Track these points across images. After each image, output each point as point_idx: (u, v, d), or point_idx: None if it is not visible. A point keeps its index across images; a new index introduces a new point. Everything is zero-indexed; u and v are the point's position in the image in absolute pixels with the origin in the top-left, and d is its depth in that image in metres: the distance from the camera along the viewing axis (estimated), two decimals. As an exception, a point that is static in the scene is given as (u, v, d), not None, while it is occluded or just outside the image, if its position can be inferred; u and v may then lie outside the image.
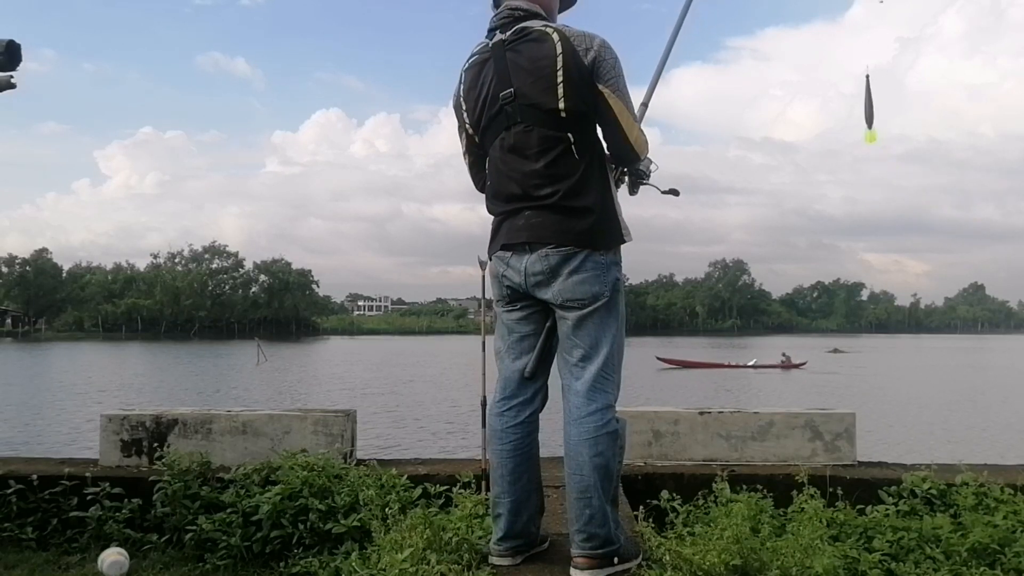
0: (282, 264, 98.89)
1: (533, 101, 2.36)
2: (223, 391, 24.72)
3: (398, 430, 15.43)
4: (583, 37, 2.35)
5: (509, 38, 2.41)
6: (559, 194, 2.34)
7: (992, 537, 3.06)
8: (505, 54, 2.40)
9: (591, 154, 2.39)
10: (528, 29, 2.39)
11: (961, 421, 18.17)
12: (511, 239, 2.42)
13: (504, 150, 2.43)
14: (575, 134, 2.36)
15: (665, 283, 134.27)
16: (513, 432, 2.45)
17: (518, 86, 2.37)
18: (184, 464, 3.80)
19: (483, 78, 2.45)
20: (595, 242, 2.35)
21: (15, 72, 2.89)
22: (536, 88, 2.35)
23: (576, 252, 2.34)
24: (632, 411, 4.17)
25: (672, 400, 21.19)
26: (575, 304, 2.36)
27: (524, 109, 2.37)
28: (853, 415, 4.16)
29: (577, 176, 2.35)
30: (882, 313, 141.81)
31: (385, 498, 3.36)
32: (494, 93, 2.42)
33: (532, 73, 2.35)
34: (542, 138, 2.36)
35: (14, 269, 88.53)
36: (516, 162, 2.40)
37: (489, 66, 2.44)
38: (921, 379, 31.49)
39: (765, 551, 2.76)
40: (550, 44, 2.34)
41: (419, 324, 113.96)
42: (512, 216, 2.43)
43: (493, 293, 2.57)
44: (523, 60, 2.37)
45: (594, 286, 2.35)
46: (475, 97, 2.48)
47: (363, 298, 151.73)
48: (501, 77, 2.40)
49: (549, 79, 2.33)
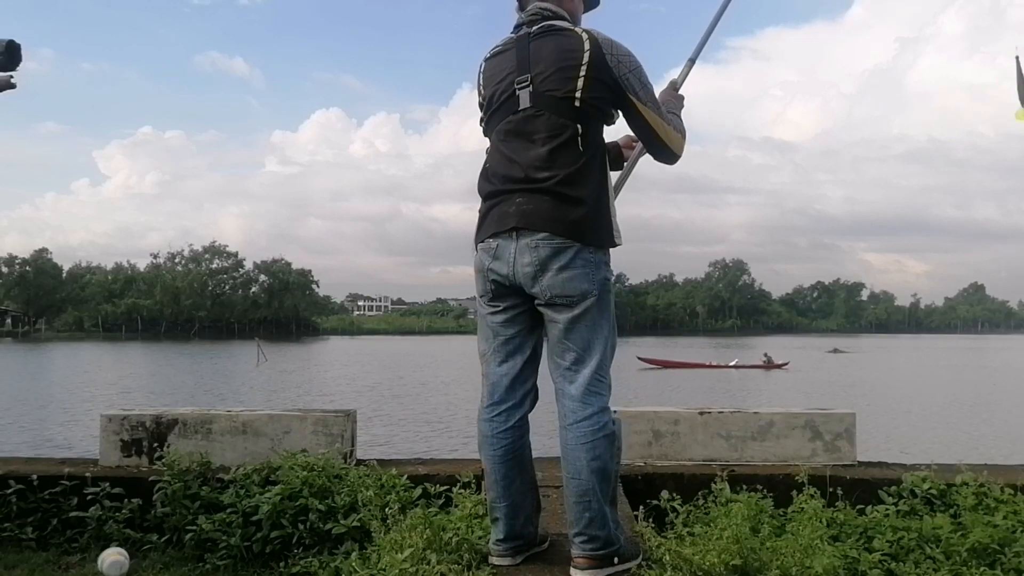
0: (282, 264, 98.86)
1: (549, 88, 2.35)
2: (223, 391, 24.72)
3: (398, 430, 15.43)
4: (612, 44, 2.37)
5: (536, 31, 2.44)
6: (556, 179, 2.32)
7: (992, 537, 3.06)
8: (529, 44, 2.42)
9: (594, 150, 2.39)
10: (556, 25, 2.43)
11: (961, 421, 18.16)
12: (500, 226, 2.36)
13: (508, 133, 2.42)
14: (583, 125, 2.36)
15: (665, 283, 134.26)
16: (503, 437, 2.41)
17: (536, 72, 2.38)
18: (184, 464, 3.80)
19: (502, 64, 2.47)
20: (586, 237, 2.32)
21: (15, 72, 2.89)
22: (556, 76, 2.35)
23: (567, 246, 2.30)
24: (632, 411, 4.17)
25: (652, 402, 21.16)
26: (563, 301, 2.32)
27: (538, 95, 2.37)
28: (853, 415, 4.16)
29: (578, 166, 2.34)
30: (882, 313, 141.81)
31: (385, 498, 3.36)
32: (510, 79, 2.43)
33: (555, 62, 2.36)
34: (551, 124, 2.35)
35: (14, 269, 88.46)
36: (520, 145, 2.39)
37: (511, 55, 2.46)
38: (921, 379, 31.50)
39: (765, 551, 2.76)
40: (579, 40, 2.36)
41: (419, 324, 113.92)
42: (503, 202, 2.39)
43: (477, 289, 2.49)
44: (547, 49, 2.39)
45: (583, 283, 2.31)
46: (492, 82, 2.49)
47: (363, 298, 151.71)
48: (521, 64, 2.42)
49: (572, 70, 2.33)
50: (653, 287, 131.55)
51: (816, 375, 33.24)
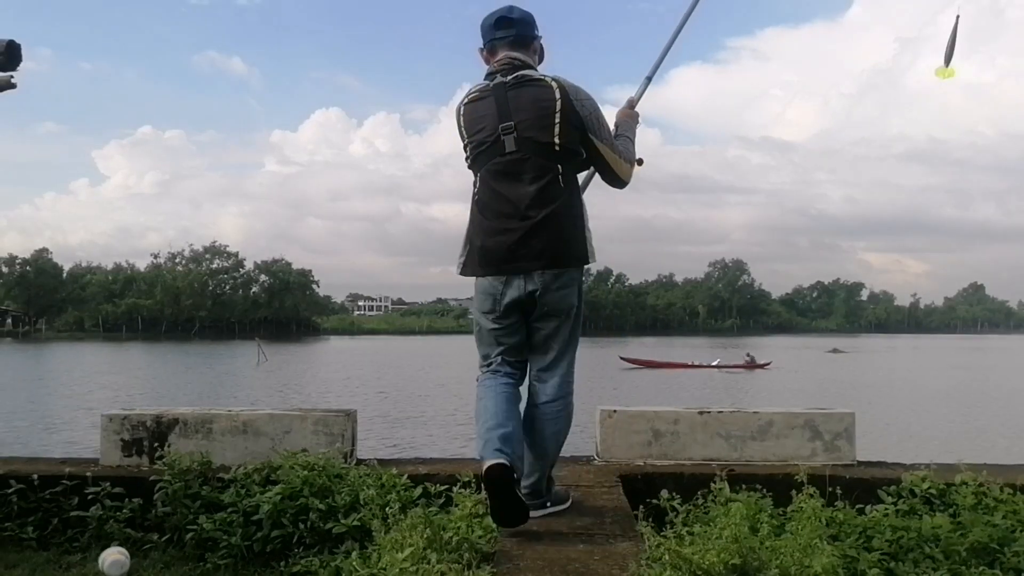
0: (282, 264, 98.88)
1: (531, 135, 2.77)
2: (223, 391, 24.72)
3: (398, 430, 15.44)
4: (577, 90, 2.81)
5: (511, 81, 2.83)
6: (546, 214, 2.75)
7: (991, 537, 3.06)
8: (507, 93, 2.81)
9: (572, 186, 2.87)
10: (528, 75, 2.83)
11: (961, 421, 18.17)
12: (509, 262, 2.81)
13: (498, 174, 2.83)
14: (563, 166, 2.81)
15: (665, 283, 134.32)
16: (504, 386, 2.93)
17: (519, 120, 2.78)
18: (185, 464, 3.80)
19: (482, 110, 2.85)
20: (572, 261, 2.84)
21: (15, 72, 2.89)
22: (536, 123, 2.77)
23: (561, 272, 2.81)
24: (632, 411, 4.17)
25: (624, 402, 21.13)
26: (554, 313, 2.85)
27: (522, 140, 2.78)
28: (853, 415, 4.16)
29: (561, 201, 2.79)
30: (882, 313, 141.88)
31: (385, 498, 3.37)
32: (492, 124, 2.81)
33: (533, 111, 2.77)
34: (536, 166, 2.78)
35: (14, 269, 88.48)
36: (509, 185, 2.80)
37: (489, 102, 2.84)
38: (921, 379, 31.47)
39: (764, 550, 2.76)
40: (550, 89, 2.78)
41: (419, 324, 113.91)
42: (501, 234, 2.81)
43: (483, 307, 2.93)
44: (525, 99, 2.79)
45: (571, 298, 2.87)
46: (475, 127, 2.87)
47: (363, 298, 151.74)
48: (501, 111, 2.80)
49: (548, 118, 2.76)
50: (653, 287, 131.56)
51: (801, 375, 33.26)
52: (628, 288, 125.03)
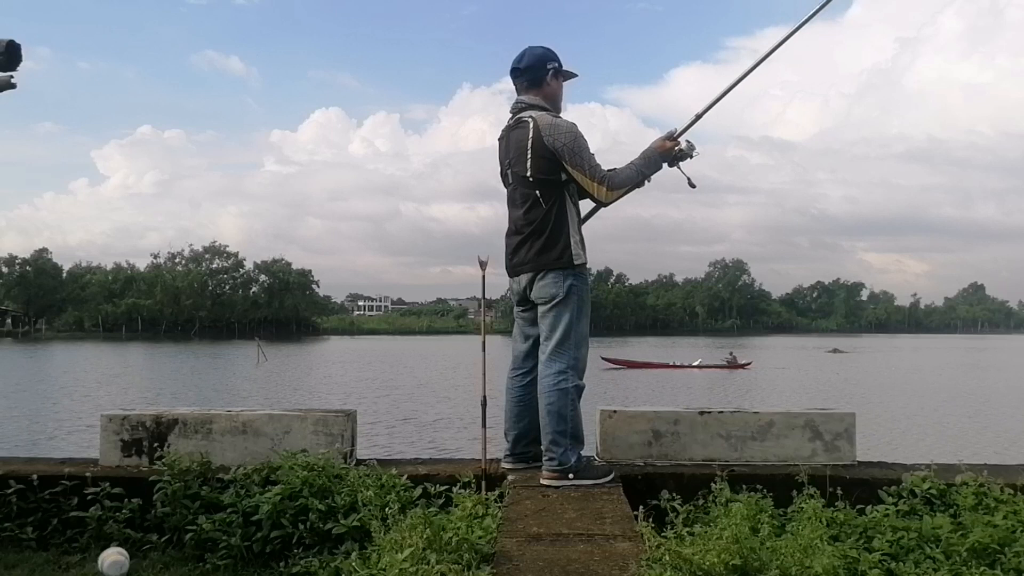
0: (282, 264, 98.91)
1: (516, 169, 3.54)
2: (223, 391, 24.72)
3: (398, 430, 15.43)
4: (552, 126, 3.43)
5: (511, 123, 3.59)
6: (531, 230, 3.50)
7: (992, 537, 3.05)
8: (508, 134, 3.61)
9: (550, 204, 3.47)
10: (521, 118, 3.53)
11: (961, 421, 18.17)
12: (512, 272, 3.65)
13: (508, 198, 3.67)
14: (540, 192, 3.47)
15: (665, 283, 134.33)
16: (517, 390, 3.71)
17: (510, 159, 3.57)
18: (184, 464, 3.80)
19: (499, 149, 3.69)
20: (551, 264, 3.47)
21: (15, 72, 2.89)
22: (518, 160, 3.51)
23: (540, 273, 3.50)
24: (632, 411, 4.17)
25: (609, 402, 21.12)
26: (541, 301, 3.53)
27: (513, 174, 3.58)
28: (853, 415, 4.16)
29: (540, 219, 3.47)
30: (882, 313, 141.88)
31: (385, 498, 3.36)
32: (502, 161, 3.67)
33: (516, 150, 3.52)
34: (522, 194, 3.54)
35: (14, 269, 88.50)
36: (511, 208, 3.64)
37: (503, 141, 3.66)
38: (921, 379, 31.47)
39: (765, 551, 2.76)
40: (527, 129, 3.46)
41: (419, 324, 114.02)
42: (508, 245, 3.66)
43: (513, 300, 3.80)
44: (514, 140, 3.54)
45: (551, 289, 3.47)
46: (499, 159, 3.70)
47: (363, 298, 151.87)
48: (505, 151, 3.63)
49: (523, 153, 3.46)
50: (653, 287, 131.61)
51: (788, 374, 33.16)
52: (628, 288, 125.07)
